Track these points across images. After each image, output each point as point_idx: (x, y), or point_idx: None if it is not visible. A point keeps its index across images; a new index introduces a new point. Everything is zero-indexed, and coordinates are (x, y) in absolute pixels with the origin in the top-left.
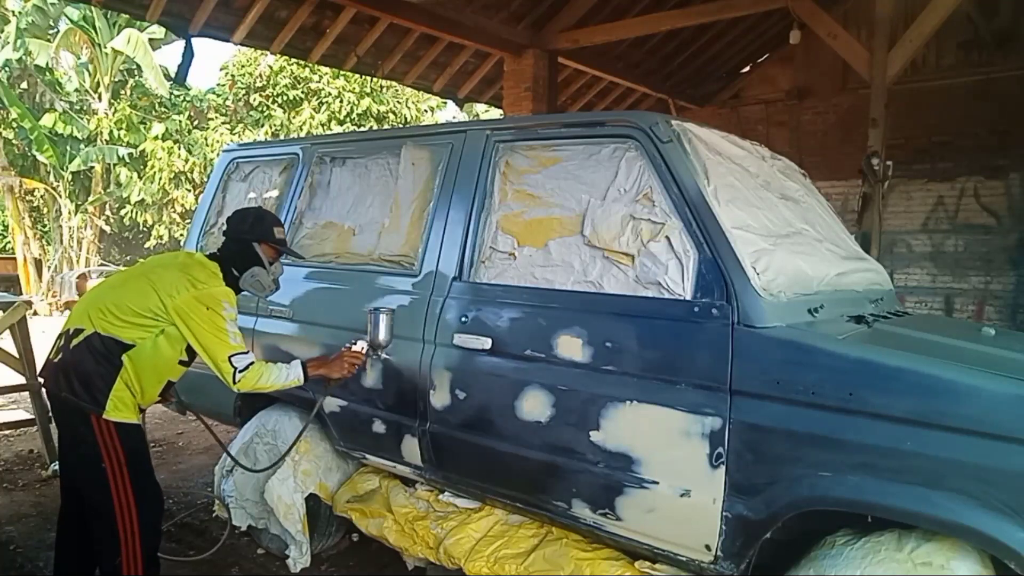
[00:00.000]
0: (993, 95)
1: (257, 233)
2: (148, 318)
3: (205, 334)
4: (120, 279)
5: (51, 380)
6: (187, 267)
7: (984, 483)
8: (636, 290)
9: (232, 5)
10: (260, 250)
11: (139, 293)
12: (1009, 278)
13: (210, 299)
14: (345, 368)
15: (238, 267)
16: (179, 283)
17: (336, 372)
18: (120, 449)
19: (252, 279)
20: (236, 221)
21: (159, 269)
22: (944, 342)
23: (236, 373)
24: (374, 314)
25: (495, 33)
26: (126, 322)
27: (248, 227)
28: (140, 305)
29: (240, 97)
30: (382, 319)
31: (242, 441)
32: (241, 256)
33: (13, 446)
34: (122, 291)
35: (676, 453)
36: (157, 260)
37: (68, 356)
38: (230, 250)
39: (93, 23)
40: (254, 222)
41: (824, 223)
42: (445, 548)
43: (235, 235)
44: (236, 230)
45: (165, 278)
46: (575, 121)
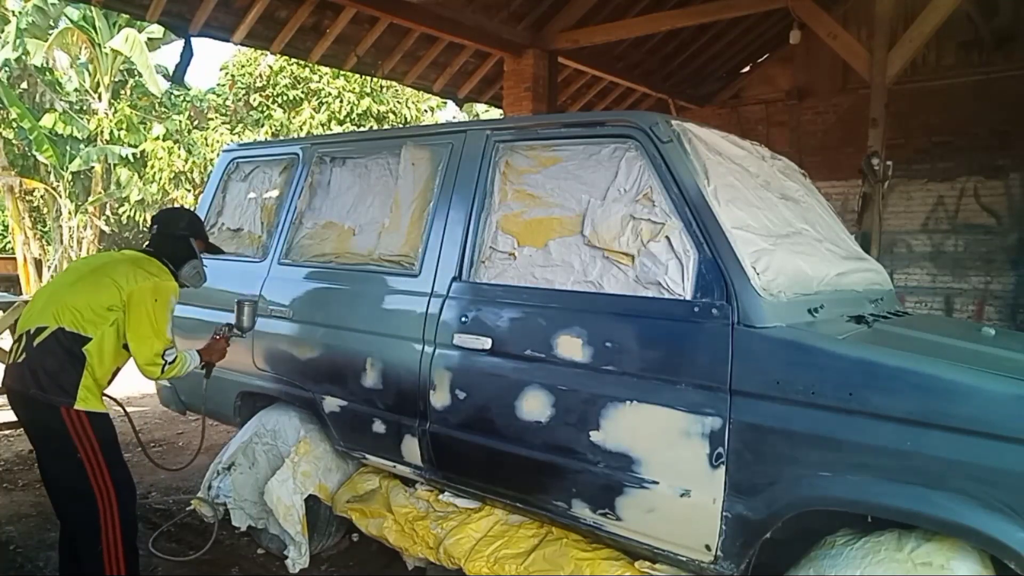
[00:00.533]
0: (993, 95)
1: (193, 229)
2: (106, 310)
3: (146, 325)
4: (72, 278)
5: (16, 380)
6: (138, 262)
7: (984, 483)
8: (636, 290)
9: (232, 5)
10: (195, 245)
11: (103, 290)
12: (1009, 278)
13: (163, 292)
14: (224, 353)
15: (175, 262)
16: (136, 274)
17: (216, 357)
18: (93, 437)
19: (192, 271)
20: (170, 219)
21: (112, 264)
22: (944, 342)
23: (165, 366)
24: (240, 304)
25: (495, 33)
26: (87, 317)
27: (186, 224)
28: (102, 300)
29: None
30: (246, 308)
31: (241, 440)
32: (180, 251)
33: (13, 446)
34: (82, 289)
35: (676, 453)
36: (104, 258)
37: (33, 355)
38: (167, 247)
39: (93, 23)
40: (191, 219)
41: (824, 223)
42: (445, 548)
43: (172, 232)
44: (173, 227)
45: (120, 271)
46: (575, 121)
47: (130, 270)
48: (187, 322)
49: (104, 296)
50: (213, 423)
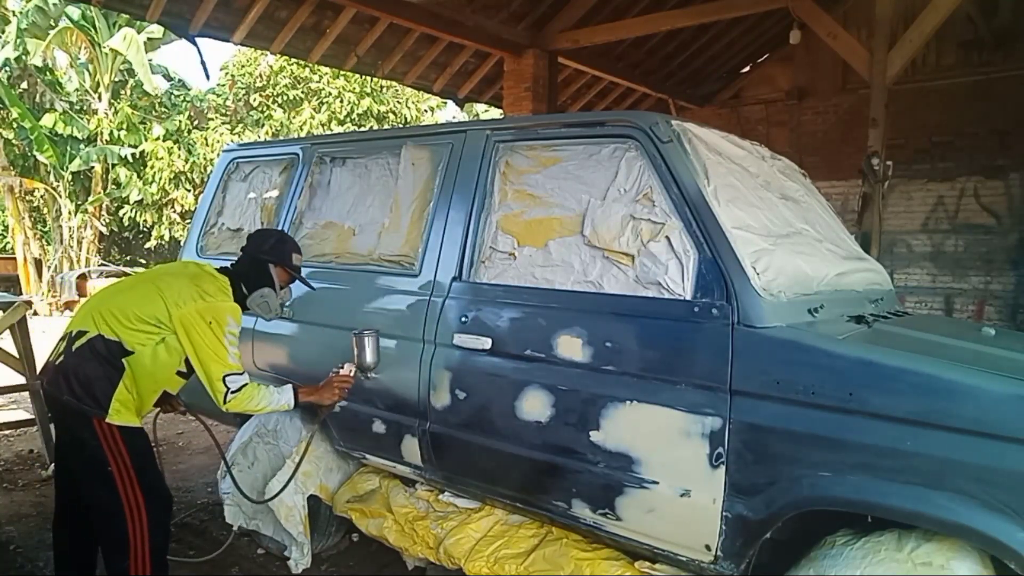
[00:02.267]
0: (993, 95)
1: (276, 255)
2: (151, 325)
3: (204, 348)
4: (127, 284)
5: (51, 382)
6: (197, 278)
7: (984, 483)
8: (636, 290)
9: (232, 5)
10: (274, 272)
11: (146, 299)
12: (1009, 278)
13: (216, 313)
14: (336, 394)
15: (249, 285)
16: (187, 293)
17: (327, 399)
18: (125, 452)
19: (261, 299)
20: (257, 240)
21: (168, 277)
22: (944, 342)
23: (228, 393)
24: (359, 336)
25: (495, 33)
26: (129, 327)
27: (269, 248)
28: (145, 311)
29: (240, 97)
30: (367, 341)
31: (241, 440)
32: (255, 275)
33: (13, 446)
34: (128, 296)
35: (676, 453)
36: (167, 268)
37: (70, 358)
38: (244, 267)
39: (93, 23)
40: (275, 244)
41: (824, 223)
42: (445, 548)
43: (253, 253)
44: (255, 249)
45: (174, 286)
46: (575, 121)
47: (184, 287)
48: None
49: (147, 307)
50: (213, 423)
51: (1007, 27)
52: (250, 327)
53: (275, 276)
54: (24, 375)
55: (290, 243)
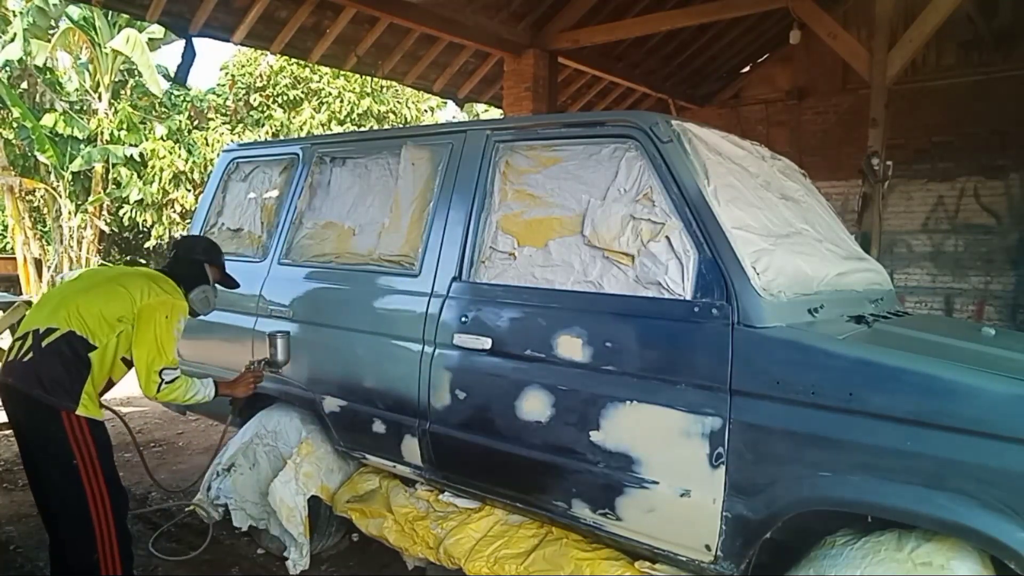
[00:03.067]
0: (993, 95)
1: (210, 256)
2: (116, 320)
3: (154, 340)
4: (85, 285)
5: (19, 378)
6: (154, 278)
7: (984, 483)
8: (636, 290)
9: (232, 5)
10: (209, 271)
11: (116, 298)
12: (1009, 278)
13: (172, 308)
14: (250, 388)
15: (188, 284)
16: (150, 288)
17: (241, 392)
18: (91, 444)
19: (202, 295)
20: (188, 244)
21: (128, 276)
22: (944, 342)
23: (162, 384)
24: (272, 337)
25: (495, 33)
26: (98, 324)
27: (202, 249)
28: (113, 309)
29: (240, 97)
30: (279, 342)
31: (241, 441)
32: (192, 275)
33: (13, 446)
34: (95, 295)
35: (676, 453)
36: (119, 270)
37: (39, 355)
38: (182, 268)
39: (93, 23)
40: (208, 247)
41: (824, 223)
42: (445, 548)
43: (188, 255)
44: (189, 251)
45: (136, 283)
46: (575, 121)
47: (145, 285)
48: None
49: (117, 306)
50: (213, 423)
51: (1007, 27)
52: (250, 327)
53: (210, 274)
54: None
55: (216, 246)
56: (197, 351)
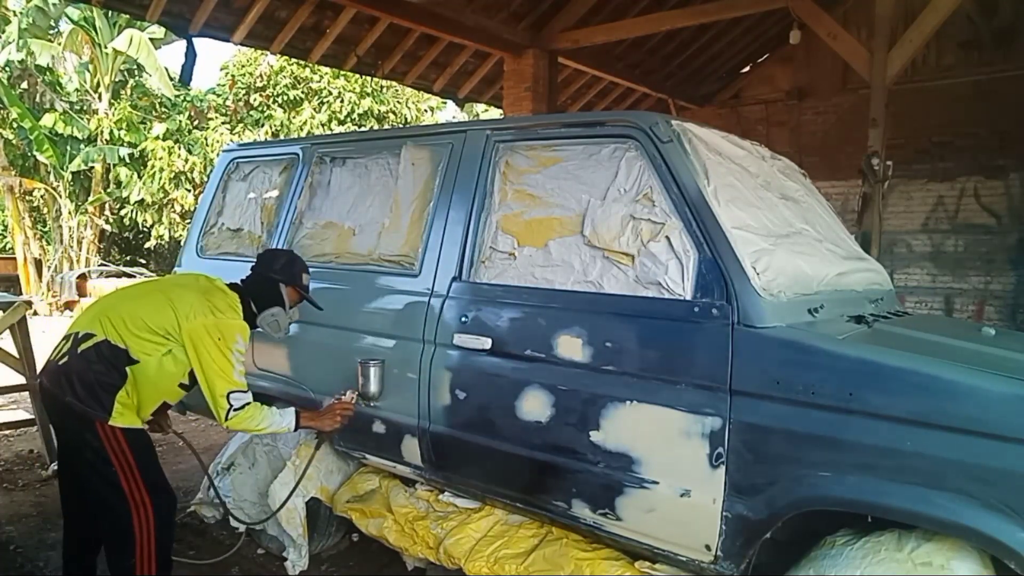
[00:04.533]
0: (993, 95)
1: (287, 276)
2: (160, 335)
3: (211, 364)
4: (137, 291)
5: (53, 382)
6: (208, 293)
7: (984, 483)
8: (636, 290)
9: (232, 5)
10: (285, 292)
11: (156, 310)
12: (1009, 278)
13: (224, 330)
14: (337, 421)
15: (259, 304)
16: (198, 307)
17: (328, 425)
18: (128, 452)
19: (271, 319)
20: (268, 259)
21: (179, 289)
22: (944, 342)
23: (231, 411)
24: (364, 366)
25: (495, 33)
26: (137, 336)
27: (280, 267)
28: (155, 322)
29: (240, 97)
30: (372, 371)
31: (241, 441)
32: (266, 294)
33: (13, 446)
34: (139, 304)
35: (676, 453)
36: (178, 279)
37: (74, 360)
38: (255, 285)
39: (93, 23)
40: (286, 264)
41: (824, 223)
42: (445, 548)
43: (264, 272)
44: (267, 268)
45: (185, 299)
46: (575, 121)
47: (195, 300)
48: None
49: (157, 317)
50: (213, 423)
51: (1007, 27)
52: None
53: (285, 296)
54: (24, 375)
55: (299, 263)
56: None
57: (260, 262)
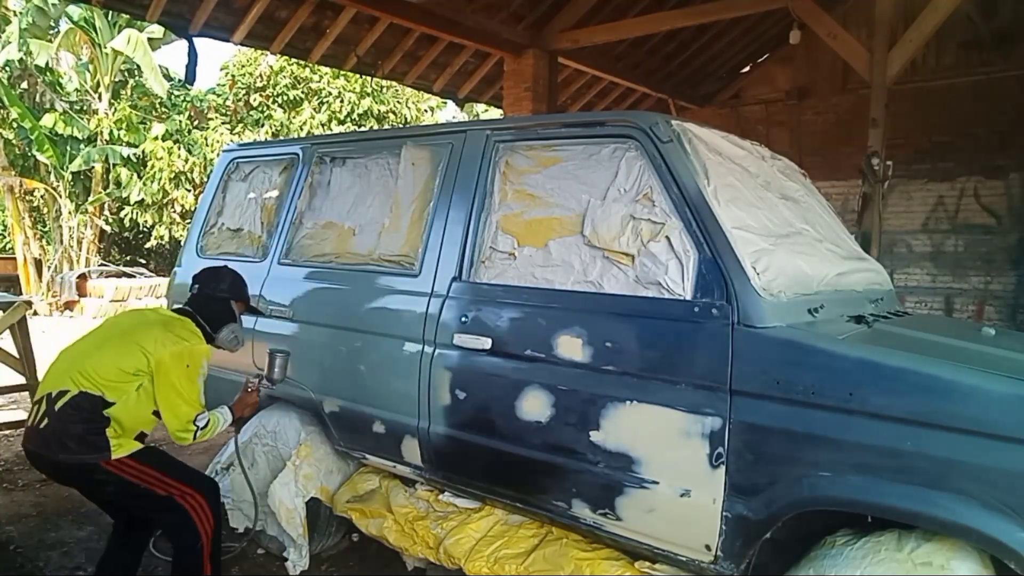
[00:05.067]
0: (993, 95)
1: (236, 292)
2: (131, 375)
3: (180, 393)
4: (99, 340)
5: (41, 446)
6: (168, 324)
7: (984, 483)
8: (636, 290)
9: (232, 5)
10: (234, 307)
11: (124, 353)
12: (1009, 278)
13: (192, 356)
14: (254, 405)
15: (214, 324)
16: (164, 338)
17: (249, 411)
18: (146, 467)
19: (231, 335)
20: (211, 278)
21: (141, 327)
22: (944, 342)
23: (197, 432)
24: (272, 355)
25: (495, 33)
26: (111, 381)
27: (228, 286)
28: (126, 364)
29: (240, 97)
30: (278, 359)
31: (241, 440)
32: (219, 313)
33: (13, 446)
34: (105, 352)
35: (676, 453)
36: (131, 318)
37: (54, 420)
38: (206, 307)
39: (93, 23)
40: (233, 281)
41: (824, 223)
42: (445, 548)
43: (213, 292)
44: (214, 288)
45: (150, 334)
46: (575, 121)
47: (160, 334)
48: None
49: (129, 361)
50: None
51: (1007, 27)
52: (250, 327)
53: (236, 311)
54: (24, 375)
55: (241, 277)
56: None
57: (204, 282)
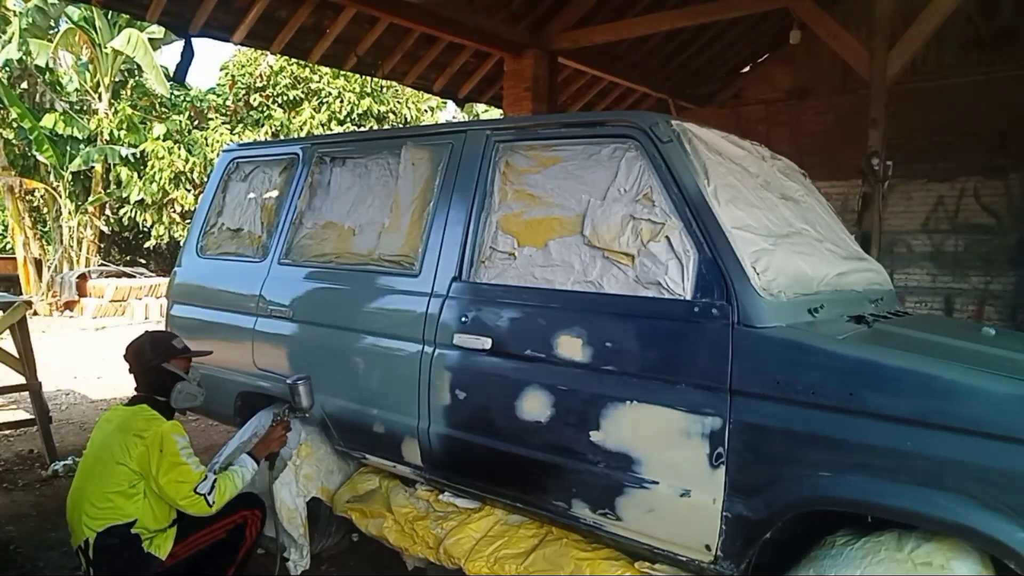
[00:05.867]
0: (993, 95)
1: (161, 354)
2: (128, 489)
3: (167, 476)
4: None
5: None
6: (125, 425)
7: (984, 483)
8: (636, 290)
9: (232, 5)
10: (173, 366)
11: (108, 477)
12: (1009, 278)
13: (161, 442)
14: (282, 439)
15: (163, 393)
16: (128, 441)
17: (276, 446)
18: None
19: (182, 396)
20: (136, 355)
21: (107, 445)
22: (944, 342)
23: (207, 498)
24: (294, 385)
25: (495, 33)
26: (114, 506)
27: (152, 354)
28: (116, 486)
29: (240, 97)
30: (302, 388)
31: (240, 440)
32: (159, 381)
33: (13, 446)
34: (93, 488)
35: (676, 453)
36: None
37: (98, 568)
38: (147, 383)
39: (93, 23)
40: (152, 345)
41: (824, 223)
42: (445, 548)
43: (144, 367)
44: (143, 362)
45: (116, 445)
46: (575, 121)
47: (122, 440)
48: (187, 323)
49: (114, 481)
50: (213, 423)
51: (1007, 27)
52: (250, 327)
53: (176, 369)
54: (24, 375)
55: (160, 335)
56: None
57: (134, 362)
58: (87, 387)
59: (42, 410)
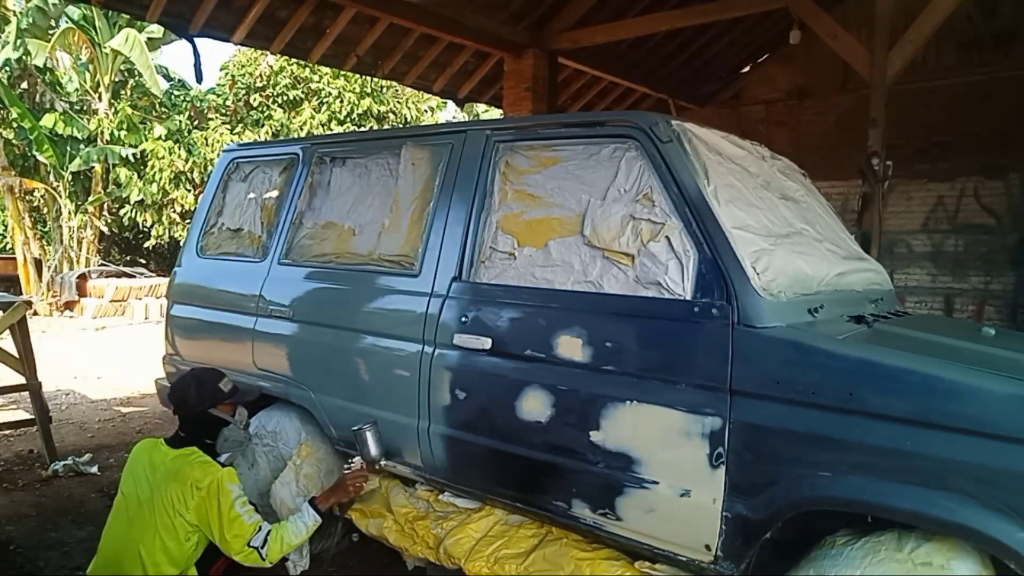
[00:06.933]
0: (993, 95)
1: (208, 399)
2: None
3: (221, 526)
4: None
5: None
6: (181, 477)
7: (984, 483)
8: (636, 290)
9: (232, 5)
10: (219, 411)
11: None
12: (1009, 278)
13: (219, 488)
14: (352, 491)
15: (210, 437)
16: (187, 493)
17: (344, 496)
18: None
19: (229, 442)
20: (180, 398)
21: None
22: (944, 342)
23: (260, 552)
24: (359, 432)
25: (495, 33)
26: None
27: (197, 399)
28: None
29: (240, 97)
30: (368, 436)
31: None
32: (206, 426)
33: (13, 446)
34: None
35: (676, 453)
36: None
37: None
38: (194, 428)
39: (93, 23)
40: (197, 388)
41: (824, 223)
42: (445, 548)
43: (191, 412)
44: (188, 407)
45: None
46: (575, 121)
47: (183, 491)
48: (187, 323)
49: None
50: None
51: (1007, 27)
52: (250, 327)
53: (221, 413)
54: (24, 375)
55: (208, 377)
56: (196, 350)
57: (179, 406)
58: (87, 387)
59: (42, 410)
